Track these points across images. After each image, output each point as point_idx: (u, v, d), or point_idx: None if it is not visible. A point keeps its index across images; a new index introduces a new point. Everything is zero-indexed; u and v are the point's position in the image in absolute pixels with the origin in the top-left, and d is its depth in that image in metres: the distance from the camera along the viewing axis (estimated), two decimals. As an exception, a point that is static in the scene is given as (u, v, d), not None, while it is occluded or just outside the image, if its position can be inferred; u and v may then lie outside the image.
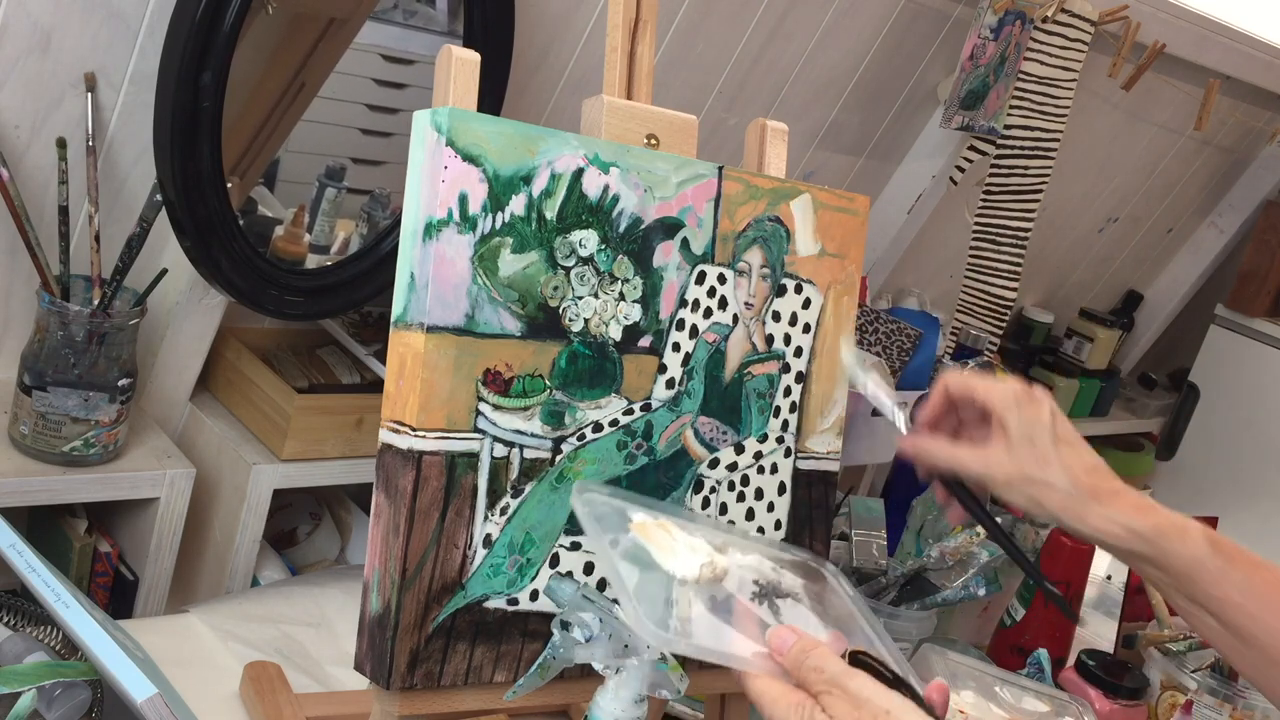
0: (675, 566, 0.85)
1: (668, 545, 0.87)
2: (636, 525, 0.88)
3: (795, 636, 0.80)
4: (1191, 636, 1.45)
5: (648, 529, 0.88)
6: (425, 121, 0.90)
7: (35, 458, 1.18)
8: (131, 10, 1.16)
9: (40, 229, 1.17)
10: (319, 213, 1.34)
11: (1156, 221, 2.65)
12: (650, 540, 0.87)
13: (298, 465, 1.34)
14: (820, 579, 0.98)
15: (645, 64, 1.07)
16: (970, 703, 1.19)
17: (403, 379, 0.90)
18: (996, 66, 1.80)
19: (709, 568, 0.85)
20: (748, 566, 0.91)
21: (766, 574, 0.93)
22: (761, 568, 0.93)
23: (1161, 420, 2.78)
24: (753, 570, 0.92)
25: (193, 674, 1.08)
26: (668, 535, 0.88)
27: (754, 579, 0.91)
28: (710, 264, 1.04)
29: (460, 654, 0.92)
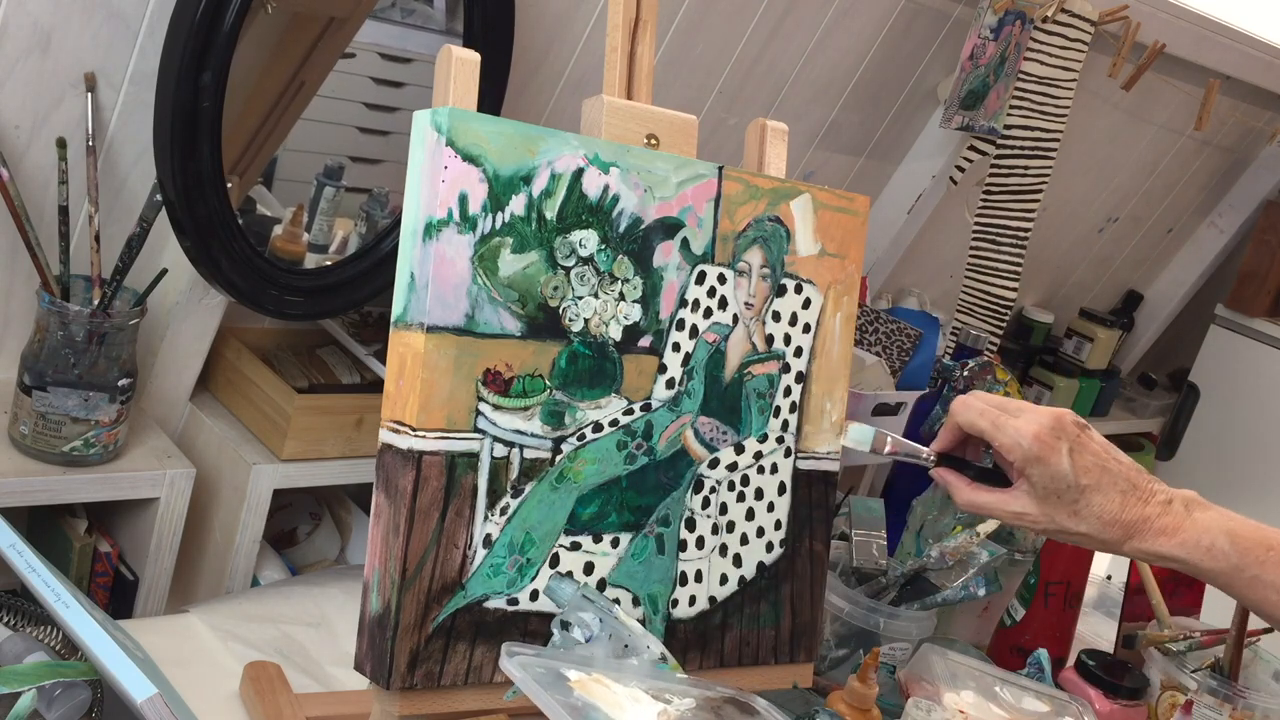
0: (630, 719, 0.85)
1: (613, 700, 0.87)
2: (576, 683, 0.88)
3: None
4: (1192, 636, 1.45)
5: (587, 686, 0.88)
6: (425, 121, 0.90)
7: (35, 458, 1.18)
8: (131, 10, 1.16)
9: (40, 229, 1.17)
10: (318, 211, 1.34)
11: (1156, 221, 2.65)
12: (595, 697, 0.87)
13: (298, 465, 1.34)
14: (755, 713, 0.98)
15: (645, 64, 1.07)
16: (970, 703, 1.19)
17: (403, 379, 0.90)
18: (996, 66, 1.80)
19: (664, 715, 0.86)
20: (689, 710, 0.91)
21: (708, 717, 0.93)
22: (700, 711, 0.93)
23: (1161, 420, 2.78)
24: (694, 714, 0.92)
25: (193, 674, 1.08)
26: (607, 689, 0.88)
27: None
28: (710, 264, 1.04)
29: (460, 654, 0.92)
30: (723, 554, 1.06)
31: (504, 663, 0.87)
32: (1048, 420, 1.00)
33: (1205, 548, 1.00)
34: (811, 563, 1.13)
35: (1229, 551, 0.99)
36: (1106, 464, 1.01)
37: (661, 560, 1.02)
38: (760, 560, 1.09)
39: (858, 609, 1.27)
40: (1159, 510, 1.00)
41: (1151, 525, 1.00)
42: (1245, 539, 1.00)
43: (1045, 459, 0.98)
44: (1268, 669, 1.46)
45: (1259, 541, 1.00)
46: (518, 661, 0.87)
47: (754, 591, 1.08)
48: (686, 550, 1.04)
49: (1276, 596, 0.99)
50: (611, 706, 0.86)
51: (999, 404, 1.02)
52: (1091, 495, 0.99)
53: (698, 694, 0.94)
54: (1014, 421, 1.00)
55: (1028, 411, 1.00)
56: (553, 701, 0.84)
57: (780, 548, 1.10)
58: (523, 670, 0.86)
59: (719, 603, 1.06)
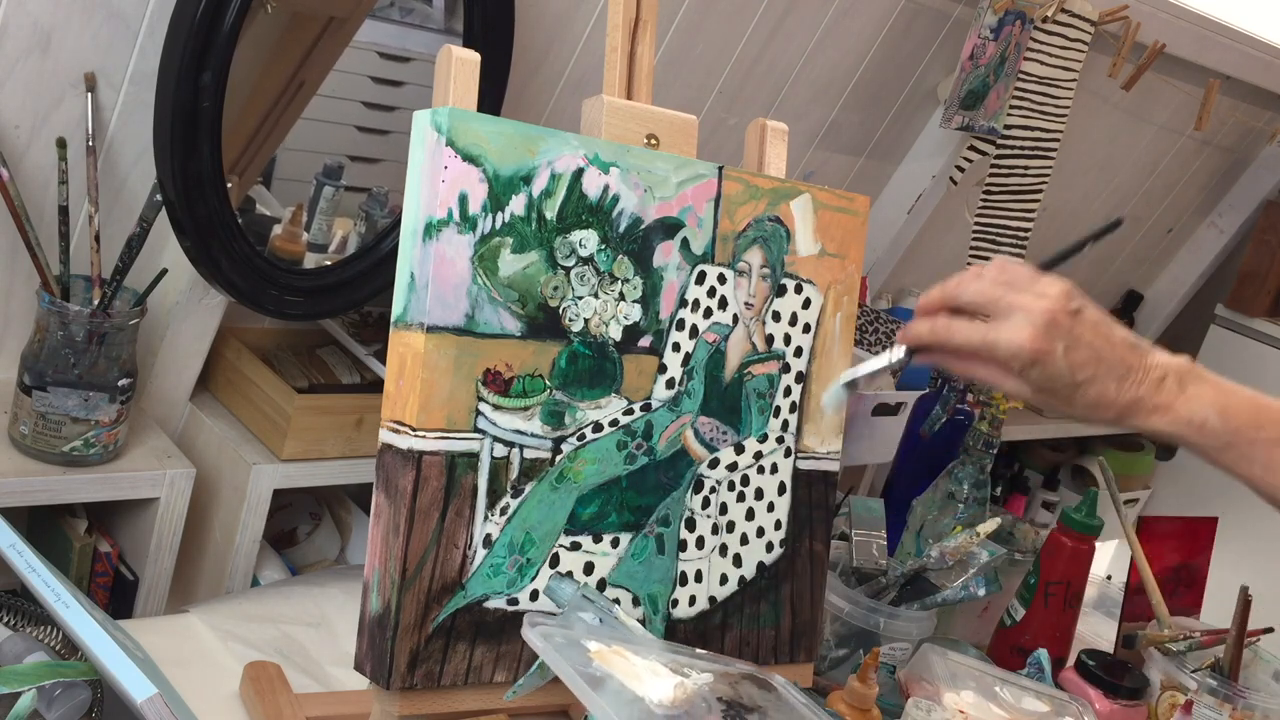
0: (649, 691, 0.85)
1: (632, 672, 0.87)
2: (596, 654, 0.88)
3: None
4: (1192, 636, 1.45)
5: (607, 656, 0.88)
6: (425, 121, 0.90)
7: (35, 458, 1.18)
8: (131, 10, 1.16)
9: (40, 229, 1.17)
10: (317, 211, 1.34)
11: (1156, 221, 2.65)
12: (614, 668, 0.87)
13: (298, 465, 1.34)
14: (771, 689, 0.98)
15: (645, 64, 1.07)
16: (970, 703, 1.19)
17: (403, 379, 0.90)
18: (996, 66, 1.80)
19: (681, 688, 0.86)
20: (707, 685, 0.91)
21: (727, 692, 0.93)
22: (718, 685, 0.93)
23: (1162, 420, 2.78)
24: (711, 688, 0.92)
25: (193, 674, 1.07)
26: (626, 661, 0.88)
27: (719, 698, 0.91)
28: (710, 264, 1.04)
29: (460, 654, 0.92)
30: (723, 554, 1.06)
31: (526, 632, 0.87)
32: (1042, 320, 0.98)
33: (1196, 425, 1.00)
34: (811, 563, 1.13)
35: (1219, 429, 0.99)
36: (1101, 352, 1.00)
37: (661, 560, 1.02)
38: (760, 560, 1.09)
39: (858, 609, 1.27)
40: (1152, 389, 1.00)
41: (1143, 405, 1.00)
42: (1237, 415, 1.00)
43: (1042, 362, 0.97)
44: (1268, 669, 1.46)
45: (1251, 418, 1.00)
46: (540, 631, 0.87)
47: (754, 591, 1.08)
48: (686, 550, 1.04)
49: (1262, 473, 0.99)
50: (629, 678, 0.86)
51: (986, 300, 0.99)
52: (1087, 388, 0.99)
53: (716, 669, 0.94)
54: (1006, 331, 0.98)
55: (1018, 311, 0.98)
56: (572, 670, 0.84)
57: (780, 548, 1.10)
58: (544, 640, 0.86)
59: (719, 603, 1.06)
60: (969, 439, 1.51)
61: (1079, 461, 2.70)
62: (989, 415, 1.51)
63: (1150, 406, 1.00)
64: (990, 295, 1.00)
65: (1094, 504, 1.47)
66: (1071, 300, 1.01)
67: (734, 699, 0.92)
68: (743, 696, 0.94)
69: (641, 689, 0.85)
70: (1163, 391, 1.00)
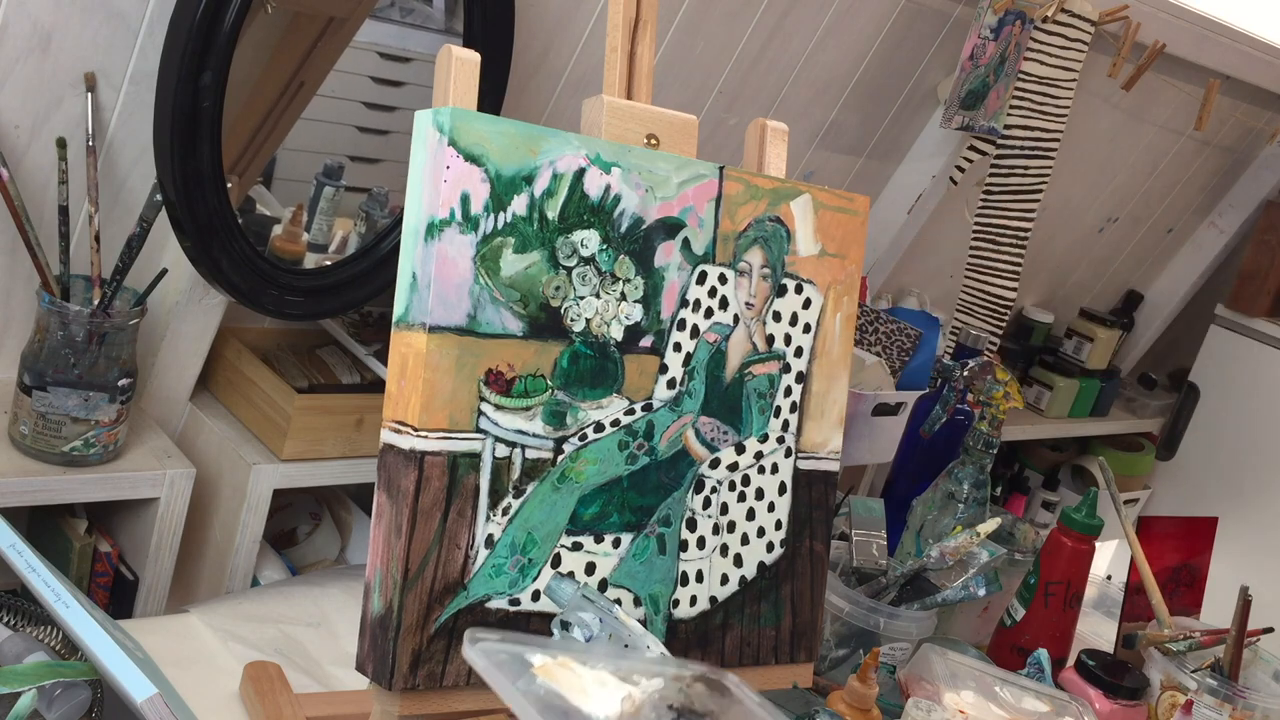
0: (594, 708, 0.84)
1: (577, 685, 0.86)
2: (540, 669, 0.87)
3: None
4: (1192, 636, 1.45)
5: (551, 671, 0.87)
6: (427, 121, 0.90)
7: (35, 458, 1.18)
8: (131, 10, 1.16)
9: (40, 229, 1.17)
10: (317, 211, 1.34)
11: (1156, 221, 2.65)
12: (558, 683, 0.86)
13: (298, 465, 1.34)
14: (724, 691, 0.98)
15: (645, 64, 1.07)
16: (970, 703, 1.19)
17: (404, 379, 0.90)
18: (996, 66, 1.80)
19: (628, 701, 0.85)
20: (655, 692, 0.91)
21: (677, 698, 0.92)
22: (668, 691, 0.92)
23: (1161, 420, 2.78)
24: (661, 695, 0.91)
25: (193, 674, 1.07)
26: (572, 674, 0.87)
27: (668, 705, 0.91)
28: (711, 264, 1.04)
29: (462, 654, 0.92)
30: (723, 554, 1.06)
31: (466, 650, 0.86)
32: None
33: None
34: (812, 563, 1.13)
35: None
36: None
37: (662, 560, 1.02)
38: (761, 560, 1.09)
39: (858, 609, 1.27)
40: None
41: None
42: None
43: None
44: (1268, 669, 1.46)
45: None
46: (480, 649, 0.86)
47: (754, 591, 1.08)
48: (687, 550, 1.04)
49: None
50: (575, 693, 0.85)
51: None
52: None
53: (668, 673, 0.94)
54: None
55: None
56: (513, 690, 0.83)
57: (781, 548, 1.10)
58: (485, 658, 0.85)
59: (720, 603, 1.06)
60: (969, 439, 1.51)
61: (1079, 461, 2.70)
62: (989, 415, 1.51)
63: None
64: None
65: (1094, 504, 1.47)
66: None
67: (685, 705, 0.92)
68: (694, 701, 0.93)
69: (588, 704, 0.84)
70: None
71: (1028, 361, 2.55)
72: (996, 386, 1.67)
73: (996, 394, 1.65)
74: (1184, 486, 2.70)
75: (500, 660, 0.84)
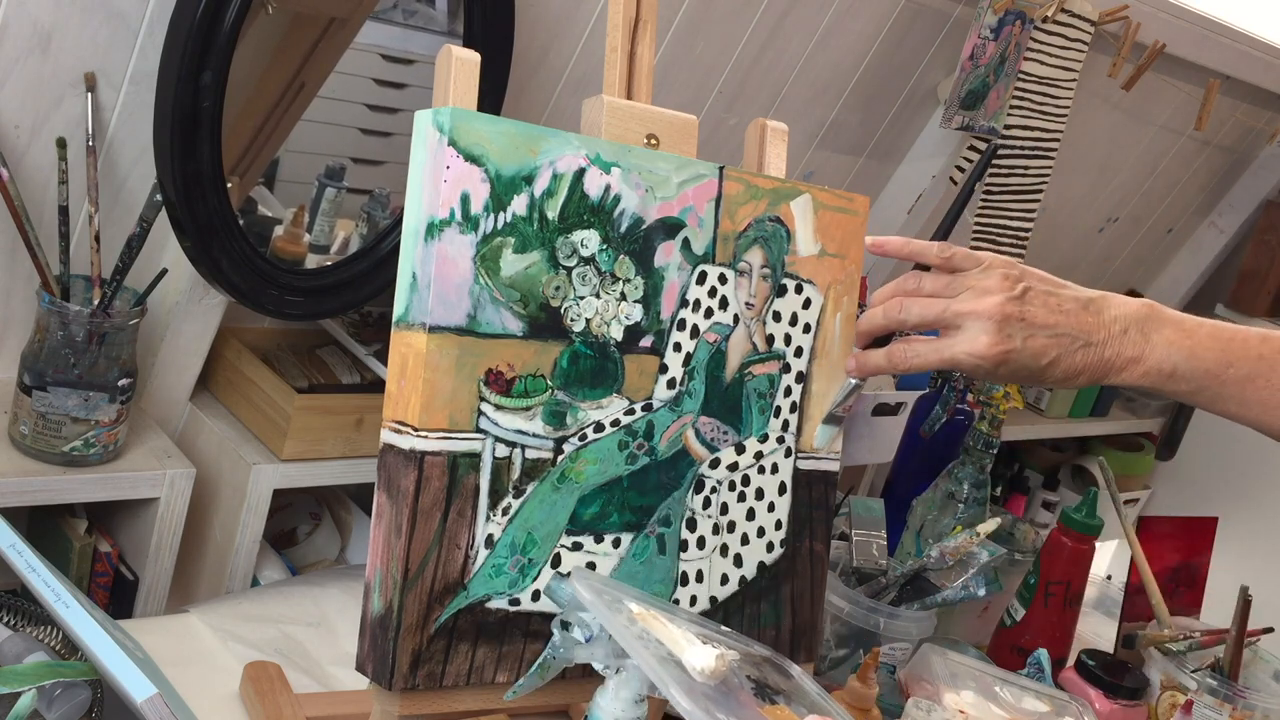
0: (691, 657, 0.85)
1: (671, 637, 0.87)
2: (639, 615, 0.88)
3: None
4: (1192, 636, 1.45)
5: (648, 620, 0.88)
6: (427, 121, 0.90)
7: (35, 458, 1.18)
8: (131, 10, 1.16)
9: (40, 229, 1.17)
10: (319, 212, 1.34)
11: (1156, 221, 2.65)
12: (655, 631, 0.87)
13: (298, 465, 1.34)
14: (790, 676, 0.99)
15: (645, 64, 1.07)
16: (970, 703, 1.19)
17: (404, 379, 0.90)
18: (996, 66, 1.80)
19: (721, 659, 0.85)
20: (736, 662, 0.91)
21: (754, 672, 0.93)
22: (746, 665, 0.93)
23: (1161, 420, 2.78)
24: (741, 667, 0.92)
25: (193, 674, 1.07)
26: (665, 628, 0.88)
27: (747, 676, 0.91)
28: (711, 264, 1.04)
29: (462, 654, 0.92)
30: (723, 554, 1.06)
31: (576, 583, 0.88)
32: (993, 323, 0.99)
33: (1166, 373, 1.00)
34: (812, 563, 1.13)
35: (1189, 373, 1.00)
36: (1059, 328, 1.00)
37: (662, 560, 1.02)
38: (761, 560, 1.09)
39: (858, 609, 1.27)
40: (1118, 347, 1.00)
41: (1113, 364, 1.01)
42: (1204, 356, 1.00)
43: (1006, 361, 0.99)
44: (1268, 669, 1.46)
45: (1218, 357, 1.00)
46: (588, 585, 0.87)
47: (754, 591, 1.08)
48: (687, 550, 1.04)
49: (1236, 409, 1.00)
50: (670, 642, 0.86)
51: (933, 318, 1.01)
52: (1053, 367, 1.00)
53: (740, 648, 0.95)
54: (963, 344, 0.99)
55: (968, 319, 0.99)
56: (622, 628, 0.84)
57: (781, 548, 1.10)
58: (594, 594, 0.86)
59: (720, 603, 1.06)
60: (969, 439, 1.51)
61: (1079, 461, 2.70)
62: (989, 415, 1.51)
63: (1120, 364, 1.01)
64: (934, 312, 1.01)
65: (1094, 504, 1.47)
66: (1014, 285, 1.01)
67: (760, 679, 0.92)
68: (767, 679, 0.94)
69: (682, 655, 0.85)
70: (1128, 345, 1.01)
71: (1028, 361, 2.54)
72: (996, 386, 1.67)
73: (996, 394, 1.65)
74: (1184, 486, 2.70)
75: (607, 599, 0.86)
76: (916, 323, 1.01)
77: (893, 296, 1.03)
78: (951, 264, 1.02)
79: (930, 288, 1.02)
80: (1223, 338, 1.01)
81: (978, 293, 1.00)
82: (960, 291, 1.00)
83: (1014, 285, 1.00)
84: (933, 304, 1.01)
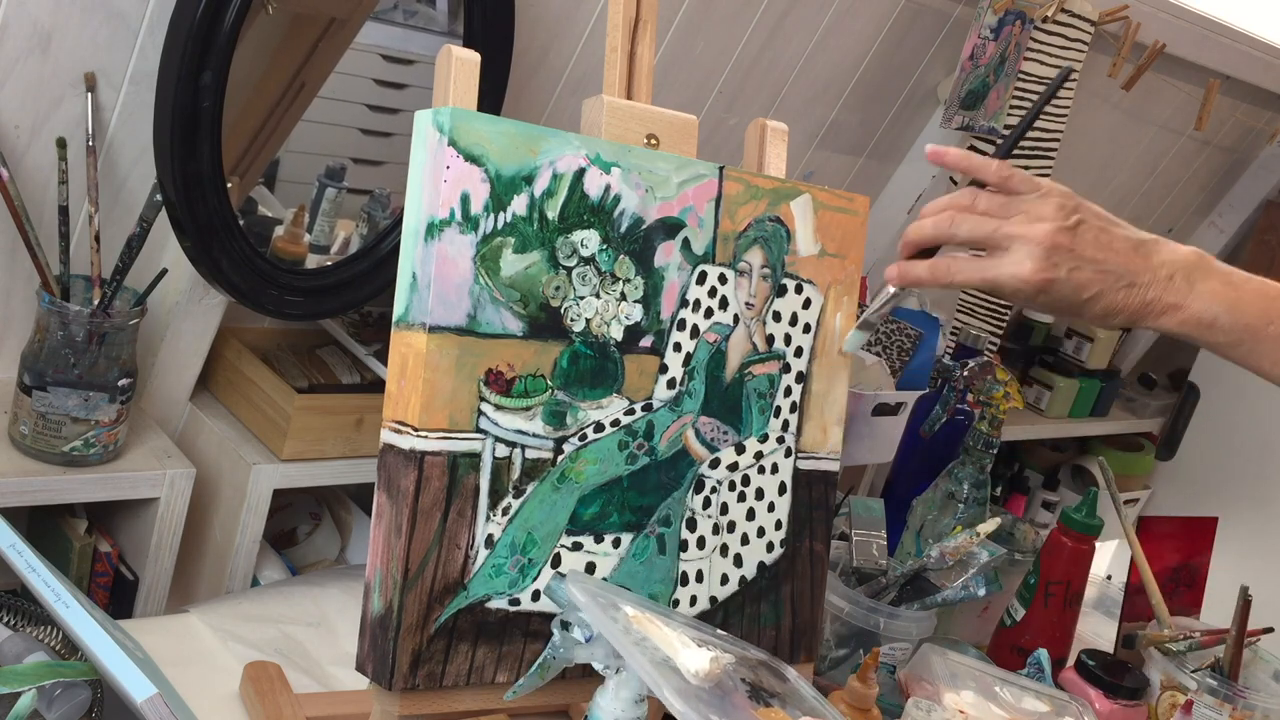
0: (686, 660, 0.85)
1: (665, 639, 0.87)
2: (635, 618, 0.88)
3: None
4: (1192, 636, 1.45)
5: (643, 622, 0.88)
6: (427, 121, 0.90)
7: (35, 458, 1.18)
8: (131, 10, 1.16)
9: (40, 229, 1.17)
10: (319, 213, 1.34)
11: (1156, 221, 2.65)
12: (649, 633, 0.87)
13: (298, 465, 1.34)
14: (785, 680, 0.99)
15: (645, 64, 1.07)
16: (970, 703, 1.19)
17: (404, 379, 0.90)
18: (996, 66, 1.80)
19: (715, 663, 0.86)
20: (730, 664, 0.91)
21: (749, 675, 0.93)
22: (741, 668, 0.93)
23: (1161, 420, 2.78)
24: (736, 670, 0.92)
25: (193, 674, 1.07)
26: (659, 629, 0.88)
27: (742, 679, 0.91)
28: (711, 264, 1.04)
29: (462, 654, 0.92)
30: (723, 554, 1.06)
31: (570, 586, 0.88)
32: (1041, 249, 0.97)
33: (1206, 323, 0.99)
34: (812, 563, 1.13)
35: (1229, 325, 0.99)
36: (1106, 265, 0.98)
37: (662, 560, 1.02)
38: (761, 560, 1.09)
39: (858, 609, 1.27)
40: (1161, 290, 0.99)
41: (1153, 308, 0.99)
42: (1247, 310, 0.99)
43: (1047, 290, 0.97)
44: (1268, 669, 1.46)
45: (1260, 312, 0.99)
46: (583, 588, 0.87)
47: (754, 591, 1.08)
48: (687, 550, 1.04)
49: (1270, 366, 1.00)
50: (664, 644, 0.86)
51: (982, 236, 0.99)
52: (1094, 303, 0.98)
53: (736, 651, 0.95)
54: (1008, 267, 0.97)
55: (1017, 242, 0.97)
56: (616, 628, 0.84)
57: (781, 548, 1.10)
58: (588, 596, 0.86)
59: (720, 603, 1.06)
60: (969, 439, 1.51)
61: (1079, 461, 2.70)
62: (989, 415, 1.51)
63: (1160, 308, 0.99)
64: (985, 230, 0.98)
65: (1094, 504, 1.47)
66: (1068, 216, 0.98)
67: (756, 682, 0.92)
68: (763, 682, 0.94)
69: (676, 657, 0.85)
70: (1172, 291, 0.99)
71: (1028, 361, 2.55)
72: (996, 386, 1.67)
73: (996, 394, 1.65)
74: (1184, 486, 2.70)
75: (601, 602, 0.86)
76: (966, 238, 0.99)
77: (945, 210, 1.01)
78: (1009, 185, 1.00)
79: (984, 206, 0.99)
80: (1269, 294, 1.00)
81: (1031, 218, 0.98)
82: (1014, 214, 0.99)
83: (1068, 216, 0.98)
84: (985, 222, 0.99)
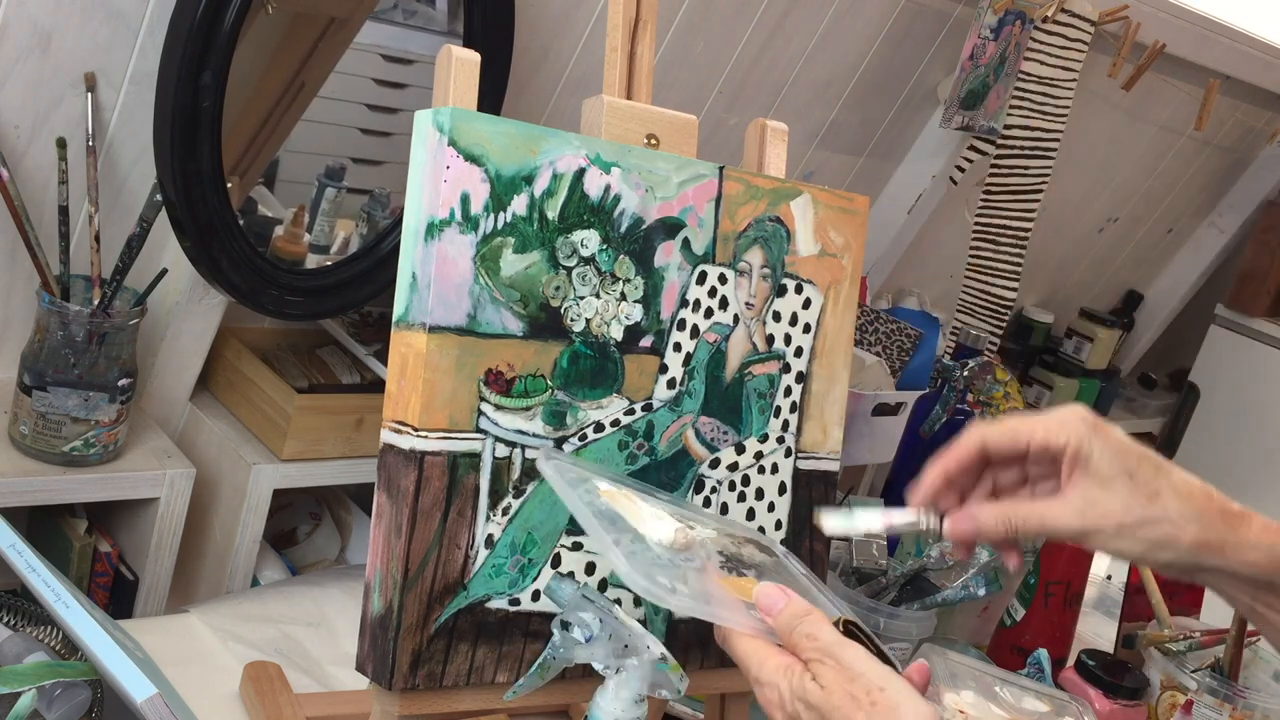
0: (650, 531, 0.85)
1: (634, 512, 0.87)
2: (605, 493, 0.88)
3: (785, 598, 0.78)
4: (1192, 636, 1.45)
5: (616, 497, 0.88)
6: (427, 121, 0.90)
7: (35, 458, 1.18)
8: (131, 10, 1.16)
9: (40, 229, 1.17)
10: (319, 212, 1.34)
11: (1156, 221, 2.65)
12: (620, 508, 0.87)
13: (298, 465, 1.34)
14: (773, 555, 0.99)
15: (645, 64, 1.06)
16: (970, 703, 1.19)
17: (404, 379, 0.90)
18: (996, 66, 1.80)
19: (682, 533, 0.86)
20: (710, 539, 0.92)
21: (728, 547, 0.93)
22: (722, 541, 0.93)
23: (1161, 420, 2.79)
24: (714, 543, 0.92)
25: (193, 674, 1.07)
26: (632, 503, 0.88)
27: (719, 550, 0.91)
28: (711, 264, 1.04)
29: (462, 654, 0.92)
30: (723, 554, 1.06)
31: (540, 464, 0.89)
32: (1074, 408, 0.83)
33: None
34: (812, 563, 1.13)
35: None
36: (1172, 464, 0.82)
37: (662, 560, 1.02)
38: (761, 560, 1.09)
39: (858, 609, 1.27)
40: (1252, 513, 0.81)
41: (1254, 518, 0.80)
42: None
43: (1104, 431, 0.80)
44: (1268, 669, 1.46)
45: None
46: (553, 465, 0.88)
47: (755, 592, 1.08)
48: (687, 550, 1.04)
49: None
50: (634, 518, 0.86)
51: None
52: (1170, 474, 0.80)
53: (722, 529, 0.95)
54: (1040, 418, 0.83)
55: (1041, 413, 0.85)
56: (579, 501, 0.84)
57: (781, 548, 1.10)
58: (557, 473, 0.87)
59: (720, 603, 1.06)
60: (969, 439, 1.51)
61: (1078, 461, 2.69)
62: (989, 415, 1.51)
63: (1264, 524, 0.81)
64: None
65: (1094, 504, 1.46)
66: None
67: (734, 554, 0.92)
68: (743, 555, 0.94)
69: (642, 527, 0.85)
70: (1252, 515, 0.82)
71: (1028, 361, 2.55)
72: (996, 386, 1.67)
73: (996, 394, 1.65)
74: (1184, 486, 2.70)
75: (570, 478, 0.86)
76: None
77: None
78: None
79: None
80: None
81: None
82: None
83: None
84: None
